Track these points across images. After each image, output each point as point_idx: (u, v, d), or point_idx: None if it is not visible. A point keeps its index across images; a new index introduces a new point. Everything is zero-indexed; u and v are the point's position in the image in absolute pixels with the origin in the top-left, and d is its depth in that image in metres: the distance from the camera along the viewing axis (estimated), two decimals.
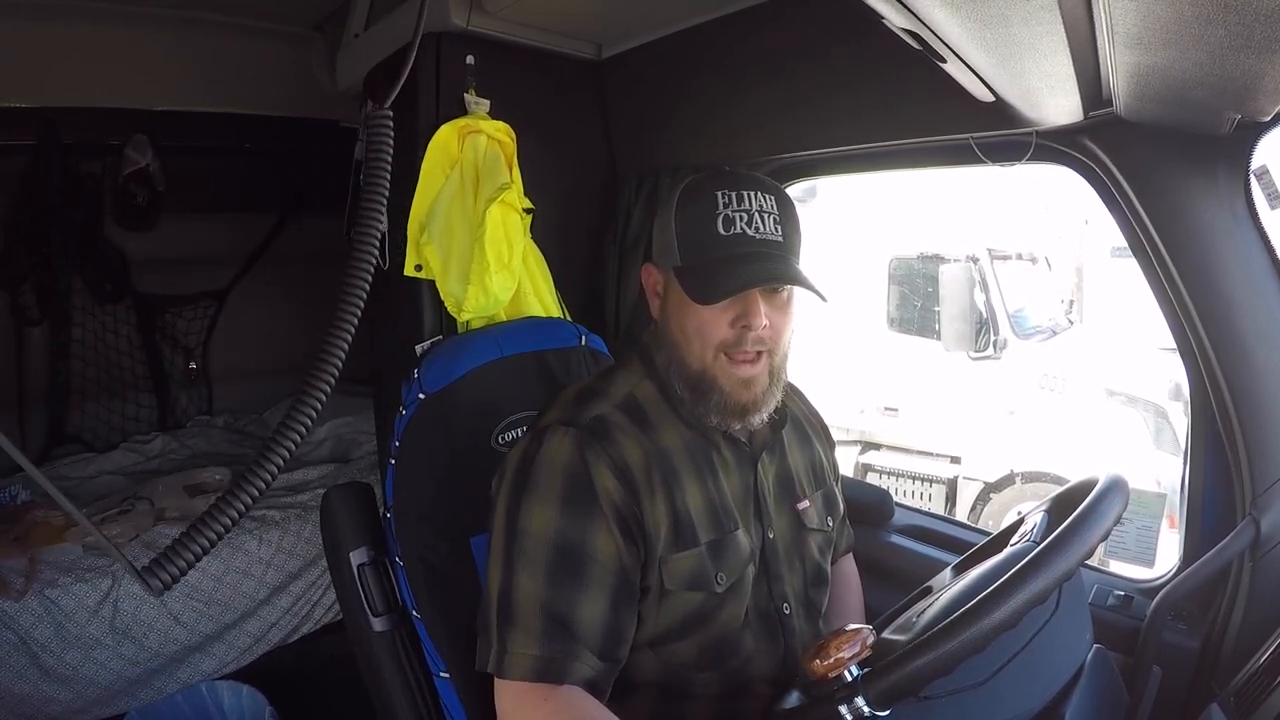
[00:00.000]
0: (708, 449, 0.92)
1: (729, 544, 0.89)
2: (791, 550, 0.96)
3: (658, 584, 0.86)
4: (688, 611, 0.87)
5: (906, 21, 0.70)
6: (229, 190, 2.65)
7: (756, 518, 0.93)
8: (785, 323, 0.89)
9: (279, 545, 2.00)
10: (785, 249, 0.87)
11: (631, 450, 0.87)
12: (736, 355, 0.86)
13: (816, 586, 0.98)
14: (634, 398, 0.93)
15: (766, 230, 0.86)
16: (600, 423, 0.88)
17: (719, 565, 0.87)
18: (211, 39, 1.90)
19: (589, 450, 0.85)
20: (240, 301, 2.92)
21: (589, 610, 0.80)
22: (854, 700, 0.66)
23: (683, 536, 0.86)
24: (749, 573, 0.90)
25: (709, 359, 0.87)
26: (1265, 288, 1.01)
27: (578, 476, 0.83)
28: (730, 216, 0.86)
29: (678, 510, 0.87)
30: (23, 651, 1.64)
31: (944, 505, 3.81)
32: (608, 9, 1.38)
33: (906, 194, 4.13)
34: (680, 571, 0.86)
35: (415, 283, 1.35)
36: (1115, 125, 0.97)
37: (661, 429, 0.91)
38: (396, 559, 1.08)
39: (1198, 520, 1.12)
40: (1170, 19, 0.59)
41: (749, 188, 0.87)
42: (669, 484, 0.87)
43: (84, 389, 2.61)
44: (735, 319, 0.85)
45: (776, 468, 0.98)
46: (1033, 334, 3.89)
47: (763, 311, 0.85)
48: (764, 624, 0.92)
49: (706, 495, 0.89)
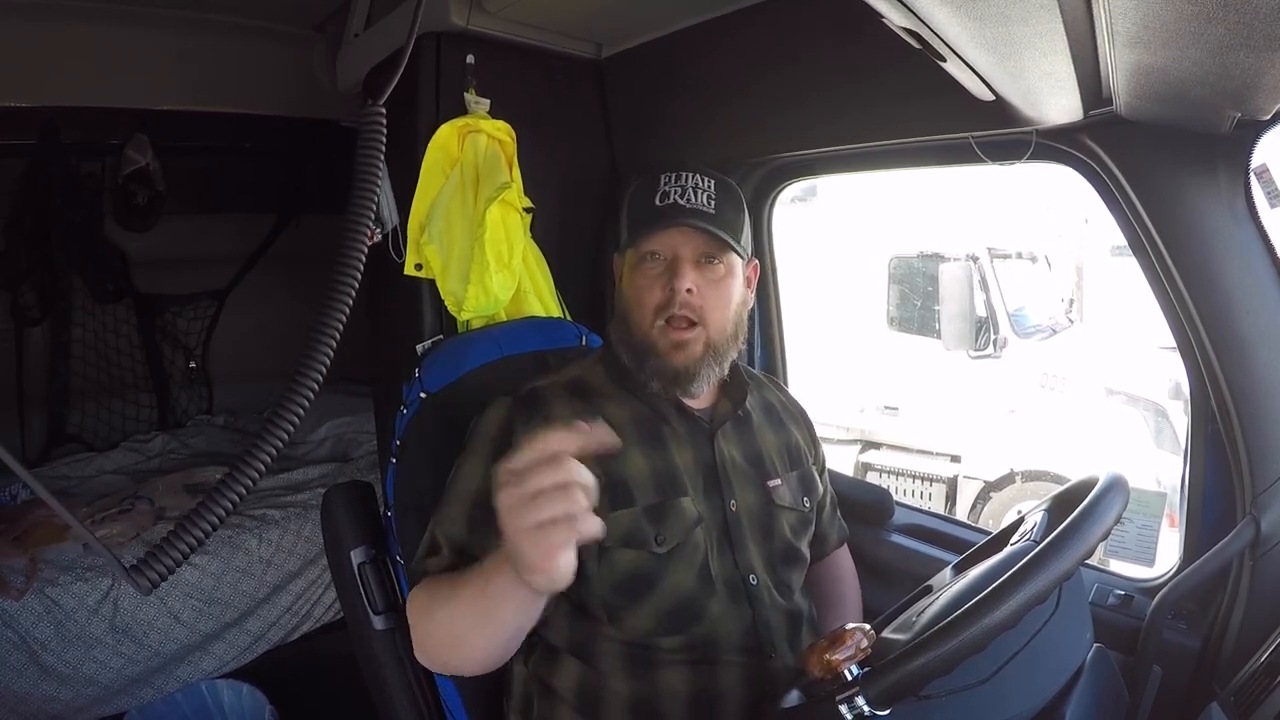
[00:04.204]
0: (656, 422, 0.99)
1: (670, 509, 0.94)
2: (756, 523, 1.00)
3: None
4: (631, 569, 0.92)
5: (906, 20, 0.70)
6: (229, 190, 2.66)
7: (715, 490, 0.98)
8: (718, 296, 0.97)
9: (279, 544, 2.00)
10: (715, 220, 0.96)
11: (563, 416, 0.94)
12: (672, 322, 0.95)
13: (787, 564, 1.01)
14: (581, 379, 1.02)
15: (698, 203, 0.96)
16: (535, 393, 0.98)
17: (657, 526, 0.93)
18: (211, 39, 1.90)
19: (518, 416, 0.95)
20: (240, 301, 2.92)
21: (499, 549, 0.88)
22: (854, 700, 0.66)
23: (618, 498, 0.93)
24: (696, 538, 0.95)
25: (648, 325, 0.96)
26: (1265, 287, 1.01)
27: (503, 440, 0.93)
28: (666, 191, 0.97)
29: (611, 474, 0.92)
30: (23, 650, 1.65)
31: (944, 504, 3.82)
32: (608, 9, 1.38)
33: (906, 193, 4.13)
34: (616, 528, 0.91)
35: (415, 282, 1.35)
36: (1115, 124, 0.96)
37: (606, 403, 0.99)
38: (397, 558, 1.09)
39: (1198, 519, 1.12)
40: (1170, 18, 0.59)
41: (690, 170, 0.99)
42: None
43: (84, 389, 2.61)
44: (666, 283, 0.95)
45: (742, 446, 1.04)
46: (1033, 333, 3.89)
47: (689, 275, 0.95)
48: (729, 591, 0.95)
49: (651, 464, 0.96)
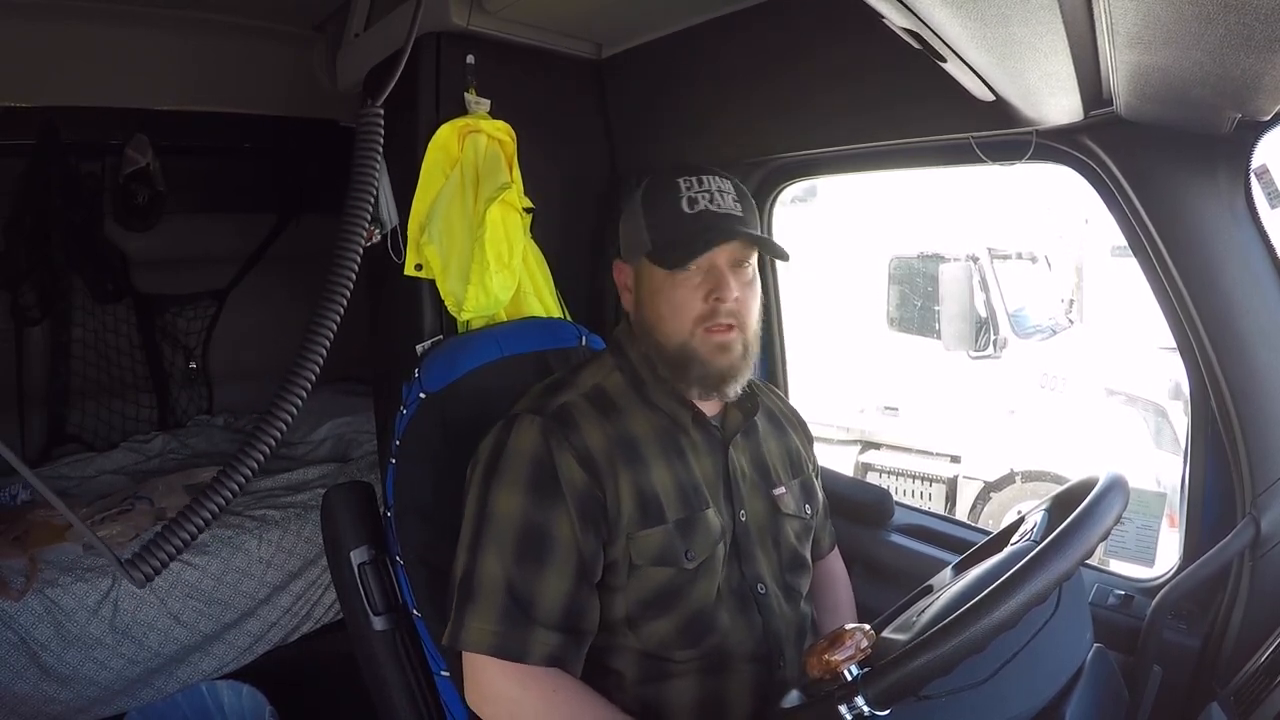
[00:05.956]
0: (675, 433, 0.97)
1: (698, 522, 0.93)
2: (765, 533, 0.99)
3: (625, 559, 0.90)
4: (660, 586, 0.91)
5: (907, 21, 0.70)
6: (229, 190, 2.65)
7: (728, 499, 0.97)
8: (751, 298, 0.95)
9: (279, 545, 2.00)
10: (745, 222, 0.93)
11: (594, 436, 0.92)
12: (712, 326, 0.92)
13: (793, 571, 1.01)
14: (601, 388, 0.99)
15: (727, 206, 0.93)
16: (565, 410, 0.94)
17: (687, 542, 0.91)
18: (211, 39, 1.90)
19: (553, 438, 0.91)
20: (240, 301, 2.92)
21: (551, 587, 0.86)
22: (854, 700, 0.66)
23: (650, 514, 0.91)
24: (719, 551, 0.94)
25: (687, 333, 0.93)
26: (1265, 287, 1.01)
27: (543, 463, 0.90)
28: (694, 197, 0.93)
29: (643, 490, 0.91)
30: (23, 651, 1.64)
31: (944, 504, 3.81)
32: (608, 9, 1.38)
33: (906, 194, 4.13)
34: (648, 547, 0.90)
35: (415, 283, 1.35)
36: (1115, 125, 0.96)
37: (629, 416, 0.96)
38: (397, 558, 1.08)
39: (1198, 519, 1.12)
40: (1170, 18, 0.59)
41: (707, 173, 0.95)
42: (633, 466, 0.92)
43: (84, 389, 2.61)
44: (708, 293, 0.91)
45: (751, 454, 1.03)
46: (1033, 333, 3.89)
47: (733, 285, 0.91)
48: (739, 602, 0.94)
49: (675, 476, 0.94)
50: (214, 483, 0.61)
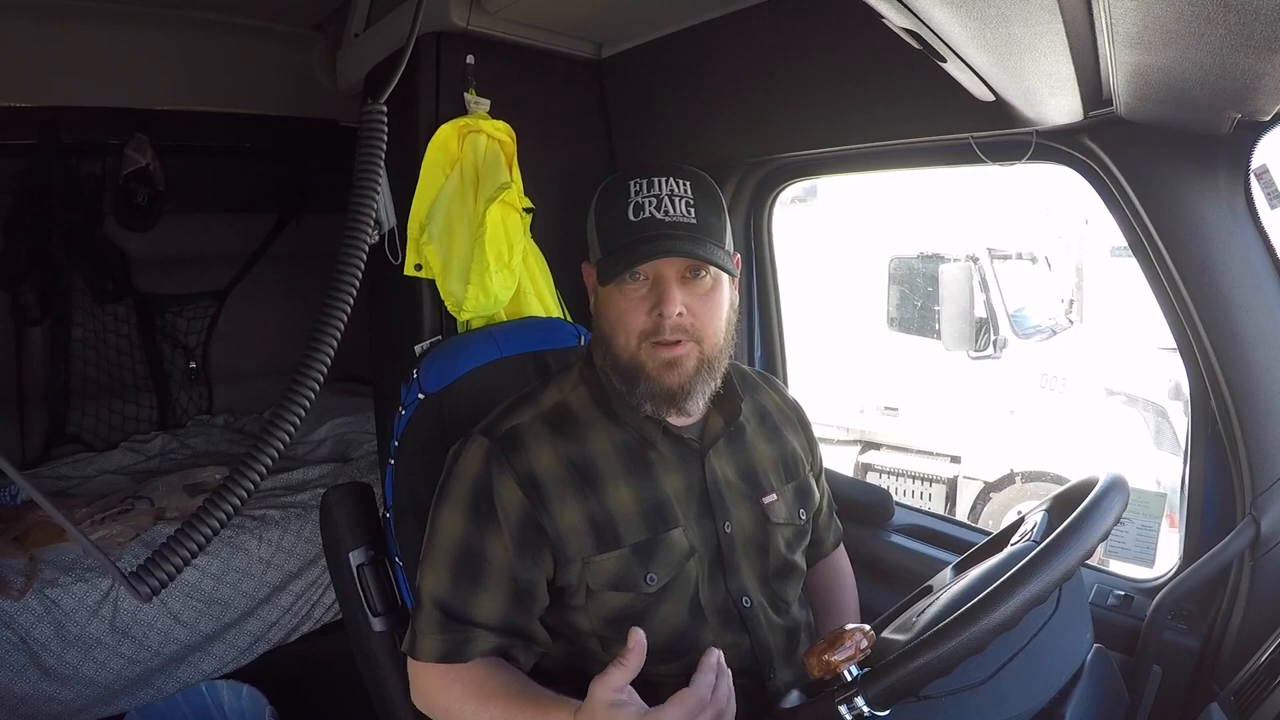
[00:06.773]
0: (642, 449, 0.93)
1: (661, 543, 0.90)
2: (752, 543, 0.96)
3: (581, 583, 0.89)
4: (620, 609, 0.89)
5: (906, 21, 0.70)
6: (229, 190, 2.65)
7: (706, 514, 0.94)
8: (709, 311, 0.89)
9: (279, 545, 2.00)
10: (698, 230, 0.87)
11: (544, 458, 0.90)
12: (659, 341, 0.88)
13: (781, 579, 0.98)
14: (564, 404, 0.96)
15: (677, 213, 0.87)
16: (513, 434, 0.92)
17: (648, 565, 0.89)
18: (211, 39, 1.90)
19: (495, 462, 0.89)
20: (240, 301, 2.92)
21: (486, 608, 0.87)
22: (854, 700, 0.66)
23: (605, 539, 0.89)
24: (689, 569, 0.91)
25: (634, 347, 0.89)
26: (1265, 287, 1.01)
27: (481, 488, 0.89)
28: (640, 203, 0.88)
29: (596, 514, 0.89)
30: (23, 651, 1.64)
31: (944, 505, 3.82)
32: (608, 9, 1.38)
33: (906, 194, 4.13)
34: (603, 573, 0.89)
35: (415, 283, 1.35)
36: (1115, 125, 0.96)
37: (590, 433, 0.93)
38: (396, 559, 1.08)
39: (1198, 520, 1.12)
40: (1170, 19, 0.59)
41: (661, 174, 0.89)
42: (587, 488, 0.90)
43: (84, 389, 2.61)
44: (651, 307, 0.87)
45: (736, 461, 0.99)
46: (1033, 333, 3.89)
47: (677, 298, 0.86)
48: (723, 619, 0.92)
49: (638, 495, 0.91)
50: (220, 491, 0.60)
